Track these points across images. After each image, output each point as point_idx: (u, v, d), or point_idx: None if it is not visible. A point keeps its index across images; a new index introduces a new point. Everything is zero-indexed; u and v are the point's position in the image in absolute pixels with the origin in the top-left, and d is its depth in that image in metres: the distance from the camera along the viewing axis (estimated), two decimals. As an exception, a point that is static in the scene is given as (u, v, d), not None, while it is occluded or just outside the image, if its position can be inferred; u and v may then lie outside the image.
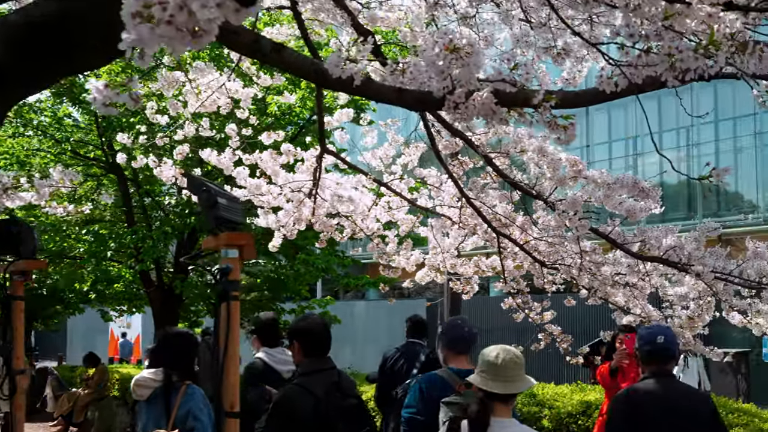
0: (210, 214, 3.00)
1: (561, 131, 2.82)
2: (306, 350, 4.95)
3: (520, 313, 8.10)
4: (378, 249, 8.00)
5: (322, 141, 7.52)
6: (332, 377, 4.87)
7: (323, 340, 5.00)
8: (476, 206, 7.04)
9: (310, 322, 5.09)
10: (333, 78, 2.70)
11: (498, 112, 2.66)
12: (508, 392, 4.24)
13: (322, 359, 4.95)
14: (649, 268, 6.83)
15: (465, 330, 5.43)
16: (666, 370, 4.98)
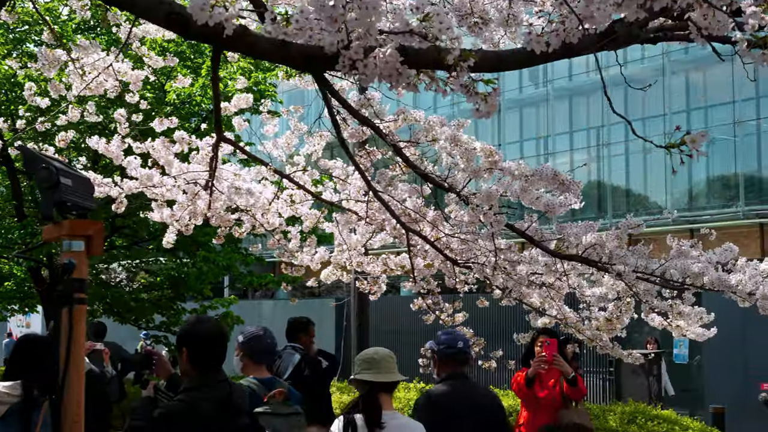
0: (50, 196, 2.42)
1: (480, 100, 2.32)
2: (196, 359, 4.34)
3: (430, 315, 7.63)
4: (279, 246, 7.44)
5: (218, 128, 6.92)
6: (222, 392, 4.29)
7: (217, 350, 4.41)
8: (384, 200, 6.54)
9: (203, 327, 4.49)
10: (197, 26, 2.15)
11: (404, 74, 2.15)
12: (392, 380, 4.86)
13: (213, 371, 4.35)
14: (567, 267, 6.42)
15: (267, 341, 5.61)
16: (462, 371, 5.76)
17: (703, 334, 6.97)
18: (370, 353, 4.98)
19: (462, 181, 5.91)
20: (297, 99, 14.93)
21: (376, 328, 18.47)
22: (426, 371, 7.97)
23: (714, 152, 25.71)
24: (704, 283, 5.94)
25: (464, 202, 5.78)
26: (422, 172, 6.07)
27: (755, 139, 24.68)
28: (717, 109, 25.36)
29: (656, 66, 26.39)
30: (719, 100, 25.31)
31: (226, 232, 7.60)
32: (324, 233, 8.87)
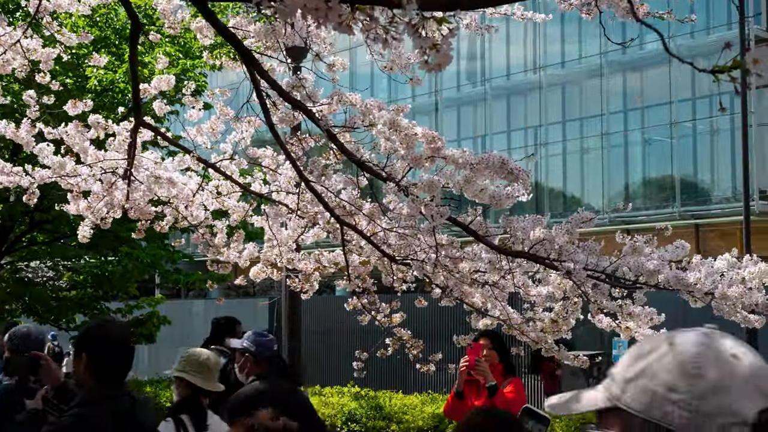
0: None
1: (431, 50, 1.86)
2: (96, 367, 3.79)
3: (365, 315, 7.16)
4: (203, 241, 6.91)
5: (137, 111, 6.38)
6: (124, 407, 3.74)
7: (122, 358, 3.87)
8: (317, 191, 6.05)
9: (107, 331, 3.94)
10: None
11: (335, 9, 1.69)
12: (214, 389, 4.99)
13: (115, 382, 3.81)
14: (513, 264, 5.99)
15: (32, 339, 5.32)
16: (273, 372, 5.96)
17: (652, 335, 6.60)
18: (204, 357, 5.06)
19: (401, 170, 5.45)
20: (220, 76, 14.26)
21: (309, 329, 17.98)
22: (360, 375, 7.51)
23: (650, 153, 25.71)
24: (659, 281, 5.56)
25: (404, 193, 5.32)
26: (358, 160, 5.60)
27: (691, 141, 24.72)
28: (654, 110, 25.35)
29: (593, 66, 26.30)
30: (656, 101, 25.30)
31: (146, 226, 7.05)
32: (254, 229, 8.33)
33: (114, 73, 10.61)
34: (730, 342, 1.45)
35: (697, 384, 1.38)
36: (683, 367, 1.40)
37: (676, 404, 1.38)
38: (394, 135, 5.19)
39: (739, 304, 5.50)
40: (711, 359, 1.40)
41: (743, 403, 1.36)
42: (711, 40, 24.17)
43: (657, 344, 1.48)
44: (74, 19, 10.81)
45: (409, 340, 7.14)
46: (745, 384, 1.38)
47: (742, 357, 1.41)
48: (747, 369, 1.40)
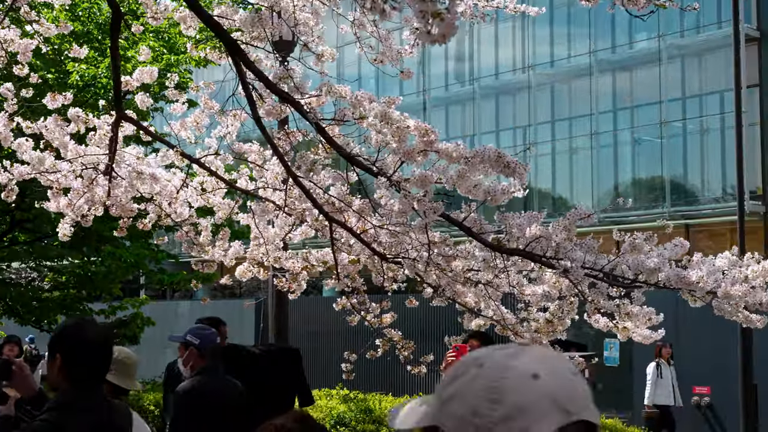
0: None
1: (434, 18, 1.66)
2: (71, 371, 3.57)
3: (355, 315, 6.95)
4: (187, 239, 6.69)
5: (118, 104, 6.17)
6: (101, 413, 3.52)
7: (99, 360, 3.64)
8: (305, 187, 5.85)
9: (83, 331, 3.71)
10: None
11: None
12: (130, 387, 4.89)
13: (91, 387, 3.59)
14: (508, 263, 5.80)
15: None
16: (216, 365, 5.95)
17: (650, 336, 6.44)
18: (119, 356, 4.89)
19: (393, 165, 5.25)
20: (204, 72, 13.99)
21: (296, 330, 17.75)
22: (350, 377, 7.30)
23: (640, 153, 25.58)
24: (659, 280, 5.38)
25: (395, 189, 5.12)
26: (348, 154, 5.40)
27: (681, 141, 24.61)
28: (643, 110, 25.23)
29: (583, 66, 26.16)
30: (645, 100, 25.18)
31: (128, 224, 6.84)
32: (240, 228, 8.12)
33: (96, 68, 10.37)
34: (531, 359, 1.46)
35: (496, 408, 1.41)
36: (485, 391, 1.43)
37: (479, 428, 1.41)
38: (385, 128, 4.99)
39: (742, 303, 5.33)
40: (511, 382, 1.42)
41: (541, 424, 1.39)
42: (700, 40, 24.07)
43: (469, 366, 1.49)
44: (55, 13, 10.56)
45: (399, 341, 6.94)
46: (544, 404, 1.40)
47: (542, 376, 1.43)
48: (546, 388, 1.42)
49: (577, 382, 1.47)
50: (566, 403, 1.42)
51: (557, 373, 1.45)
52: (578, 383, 1.47)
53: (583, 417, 1.43)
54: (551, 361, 1.48)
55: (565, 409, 1.42)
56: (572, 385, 1.46)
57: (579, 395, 1.45)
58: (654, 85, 24.58)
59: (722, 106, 23.59)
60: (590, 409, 1.46)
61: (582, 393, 1.46)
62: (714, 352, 13.48)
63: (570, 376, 1.46)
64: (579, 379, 1.48)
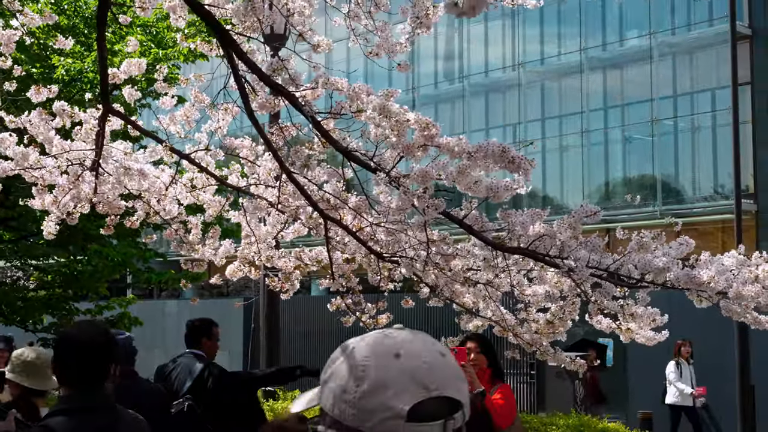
0: None
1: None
2: (69, 374, 3.38)
3: (350, 316, 6.74)
4: (176, 237, 6.47)
5: (105, 97, 5.94)
6: (104, 419, 3.31)
7: (98, 362, 3.43)
8: (299, 183, 5.64)
9: (81, 332, 3.52)
10: None
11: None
12: (44, 388, 4.76)
13: (92, 390, 3.38)
14: (510, 262, 5.60)
15: None
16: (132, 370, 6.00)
17: (653, 337, 6.27)
18: (30, 357, 4.90)
19: (391, 160, 5.05)
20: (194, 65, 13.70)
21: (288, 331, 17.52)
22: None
23: (631, 151, 25.46)
24: (666, 280, 5.19)
25: (394, 185, 4.91)
26: (344, 149, 5.19)
27: (672, 139, 24.49)
28: (634, 108, 25.09)
29: (573, 63, 26.01)
30: (636, 98, 25.04)
31: (116, 222, 6.63)
32: (230, 226, 7.90)
33: (82, 63, 10.12)
34: (397, 341, 1.59)
35: (361, 385, 1.54)
36: (352, 371, 1.56)
37: (347, 403, 1.55)
38: (384, 121, 4.78)
39: (753, 303, 5.15)
40: (374, 362, 1.56)
41: (400, 398, 1.51)
42: (691, 37, 23.95)
43: (343, 350, 1.64)
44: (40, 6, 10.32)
45: (395, 343, 6.75)
46: (403, 381, 1.52)
47: (403, 355, 1.55)
48: (406, 366, 1.54)
49: (443, 362, 1.59)
50: (426, 380, 1.54)
51: (419, 353, 1.57)
52: (445, 363, 1.59)
53: (444, 393, 1.55)
54: (416, 343, 1.60)
55: (425, 385, 1.53)
56: (436, 364, 1.57)
57: (442, 374, 1.57)
58: (645, 82, 24.44)
59: (714, 104, 23.49)
60: (454, 388, 1.57)
61: (448, 372, 1.58)
62: (710, 352, 13.33)
63: (436, 356, 1.59)
64: (446, 359, 1.60)
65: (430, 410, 1.53)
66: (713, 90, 23.45)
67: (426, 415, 1.52)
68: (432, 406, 1.53)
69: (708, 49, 23.39)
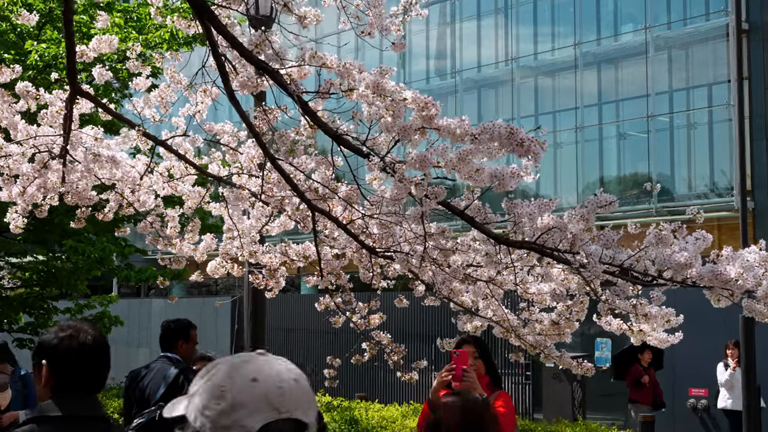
0: None
1: None
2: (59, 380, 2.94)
3: (339, 317, 6.27)
4: (152, 231, 5.99)
5: (72, 77, 5.45)
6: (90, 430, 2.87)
7: (92, 368, 3.00)
8: (285, 172, 5.16)
9: (72, 336, 3.03)
10: None
11: None
12: None
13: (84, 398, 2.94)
14: (514, 257, 5.13)
15: None
16: None
17: (666, 339, 5.82)
18: None
19: (385, 145, 4.58)
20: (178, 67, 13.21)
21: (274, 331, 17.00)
22: (333, 384, 6.63)
23: (626, 148, 25.03)
24: (687, 277, 4.73)
25: (389, 172, 4.43)
26: (334, 132, 4.71)
27: (667, 135, 24.06)
28: (629, 104, 24.65)
29: (567, 58, 25.57)
30: (631, 94, 24.60)
31: (87, 214, 6.14)
32: (214, 221, 7.40)
33: (57, 47, 9.61)
34: (256, 366, 1.77)
35: (220, 404, 1.72)
36: (213, 390, 1.74)
37: (207, 418, 1.73)
38: (378, 100, 4.31)
39: (782, 303, 4.70)
40: (234, 384, 1.74)
41: (252, 418, 1.70)
42: (688, 32, 23.51)
43: (210, 369, 1.80)
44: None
45: (388, 345, 6.26)
46: (257, 402, 1.71)
47: (260, 380, 1.74)
48: (262, 390, 1.73)
49: (297, 387, 1.76)
50: (277, 403, 1.71)
51: (275, 379, 1.75)
52: (298, 388, 1.77)
53: (293, 416, 1.72)
54: (274, 368, 1.77)
55: (275, 407, 1.70)
56: (289, 388, 1.75)
57: (294, 398, 1.74)
58: (640, 78, 24.01)
59: (710, 100, 23.08)
60: (303, 411, 1.74)
61: (300, 396, 1.75)
62: (711, 353, 12.88)
63: (291, 382, 1.76)
64: (299, 384, 1.77)
65: (278, 430, 1.70)
66: (710, 86, 23.02)
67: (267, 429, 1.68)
68: (280, 427, 1.70)
69: (705, 44, 22.97)
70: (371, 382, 15.17)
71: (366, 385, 14.66)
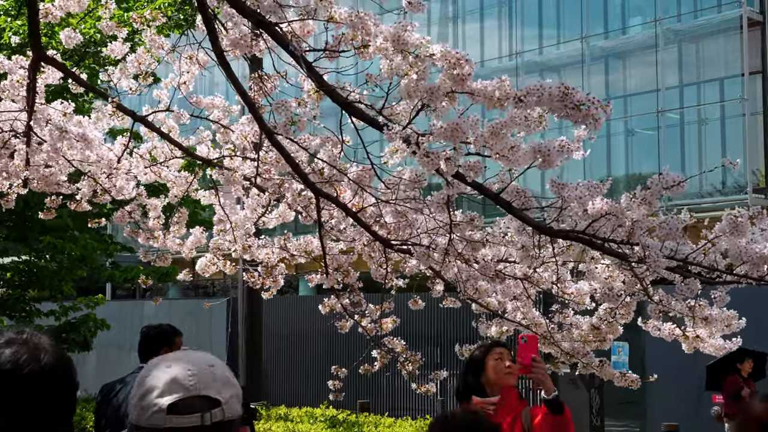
0: None
1: None
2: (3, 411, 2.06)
3: (346, 320, 5.49)
4: (130, 222, 5.21)
5: (35, 40, 4.66)
6: None
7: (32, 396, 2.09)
8: (285, 150, 4.37)
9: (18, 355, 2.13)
10: None
11: None
12: None
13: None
14: (558, 250, 4.34)
15: None
16: None
17: (723, 346, 5.05)
18: None
19: (407, 112, 3.80)
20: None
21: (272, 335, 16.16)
22: (338, 398, 5.84)
23: (634, 144, 24.28)
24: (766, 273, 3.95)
25: (412, 146, 3.64)
26: (344, 100, 3.92)
27: (678, 131, 23.29)
28: (638, 99, 23.88)
29: (573, 52, 24.81)
30: (640, 89, 23.85)
31: (57, 203, 5.36)
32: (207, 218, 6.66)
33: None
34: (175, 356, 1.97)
35: (139, 390, 1.91)
36: (138, 382, 1.93)
37: (132, 406, 1.92)
38: (398, 56, 3.52)
39: None
40: (152, 372, 1.92)
41: (164, 397, 1.86)
42: (699, 24, 22.77)
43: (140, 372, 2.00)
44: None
45: (402, 352, 5.48)
46: (169, 384, 1.88)
47: (173, 366, 1.92)
48: (173, 373, 1.90)
49: (210, 371, 1.93)
50: (186, 383, 1.88)
51: (186, 364, 1.92)
52: (211, 372, 1.93)
53: (202, 393, 1.88)
54: (190, 357, 1.96)
55: (186, 387, 1.88)
56: (201, 371, 1.92)
57: (204, 379, 1.91)
58: (650, 72, 23.24)
59: (722, 94, 22.32)
60: (215, 390, 1.91)
61: (211, 378, 1.92)
62: (736, 357, 12.10)
63: (204, 366, 1.93)
64: (214, 370, 1.95)
65: (189, 405, 1.85)
66: (722, 80, 22.26)
67: (184, 409, 1.85)
68: (191, 402, 1.85)
69: (717, 37, 22.21)
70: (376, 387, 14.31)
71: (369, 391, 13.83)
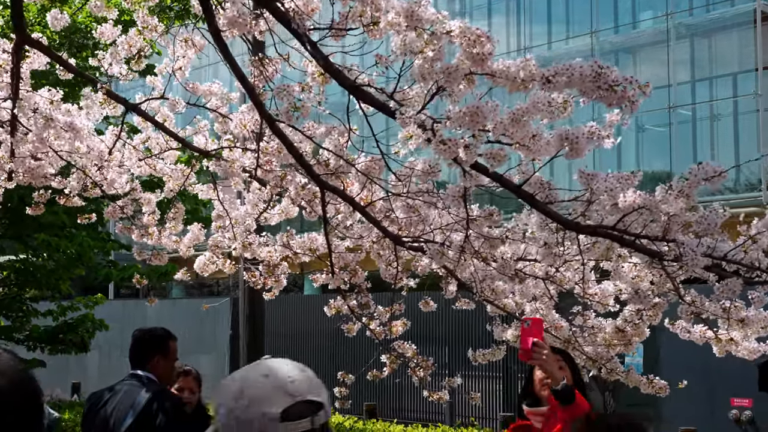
0: None
1: None
2: None
3: (354, 323, 5.15)
4: (122, 217, 4.88)
5: (18, 22, 4.34)
6: None
7: None
8: (288, 139, 4.04)
9: None
10: None
11: None
12: None
13: None
14: (584, 246, 4.00)
15: None
16: None
17: (757, 349, 4.72)
18: None
19: (421, 95, 3.45)
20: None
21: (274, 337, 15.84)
22: (344, 405, 5.50)
23: (645, 141, 23.90)
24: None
25: (427, 132, 3.29)
26: (352, 83, 3.58)
27: (690, 127, 22.92)
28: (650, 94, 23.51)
29: (583, 47, 24.44)
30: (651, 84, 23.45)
31: (46, 197, 5.04)
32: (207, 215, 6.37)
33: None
34: (263, 367, 2.04)
35: (239, 402, 1.96)
36: (234, 394, 1.98)
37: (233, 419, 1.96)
38: (411, 33, 3.18)
39: None
40: (248, 384, 1.98)
41: (273, 406, 1.93)
42: (711, 18, 22.40)
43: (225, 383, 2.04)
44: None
45: (413, 357, 5.13)
46: (273, 393, 1.95)
47: (270, 375, 1.99)
48: (273, 383, 1.97)
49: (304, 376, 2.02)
50: (290, 390, 1.96)
51: (283, 371, 2.01)
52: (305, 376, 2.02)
53: (306, 398, 1.97)
54: (281, 364, 2.04)
55: (290, 394, 1.95)
56: (298, 377, 2.00)
57: (303, 384, 1.99)
58: (661, 67, 22.87)
59: (735, 90, 21.93)
60: (315, 393, 1.99)
61: (308, 383, 2.01)
62: (755, 358, 11.73)
63: (297, 372, 2.01)
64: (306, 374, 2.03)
65: (298, 412, 1.94)
66: (735, 75, 21.87)
67: (295, 415, 1.93)
68: (299, 409, 1.94)
69: (730, 31, 21.83)
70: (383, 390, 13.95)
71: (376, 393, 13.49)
